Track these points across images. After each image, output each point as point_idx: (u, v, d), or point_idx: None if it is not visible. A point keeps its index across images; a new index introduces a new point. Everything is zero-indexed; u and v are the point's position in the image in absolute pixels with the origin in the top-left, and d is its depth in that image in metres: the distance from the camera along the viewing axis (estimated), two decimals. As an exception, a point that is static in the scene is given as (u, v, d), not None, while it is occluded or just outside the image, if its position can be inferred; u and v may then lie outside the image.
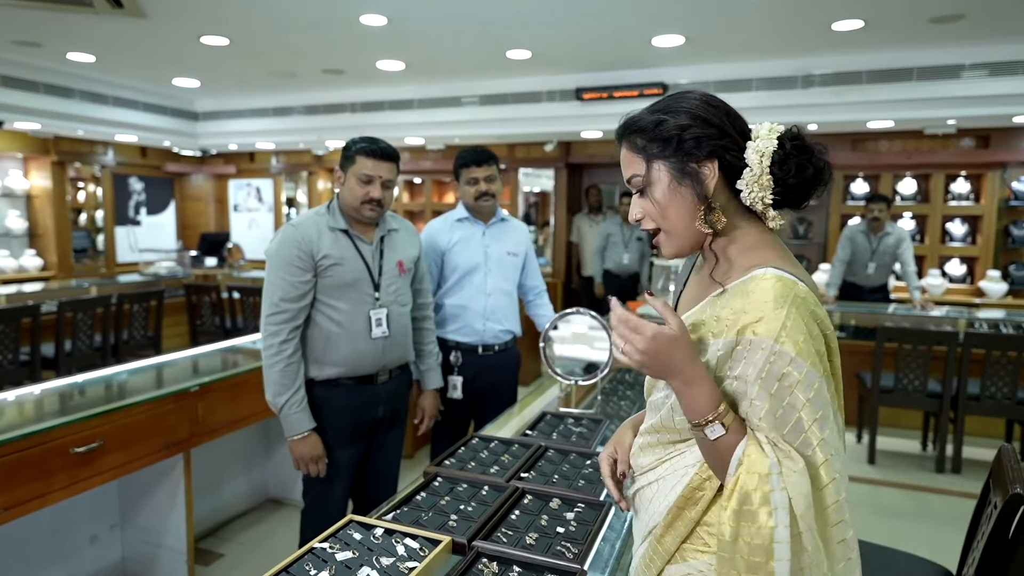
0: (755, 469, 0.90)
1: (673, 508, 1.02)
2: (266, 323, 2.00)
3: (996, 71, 4.48)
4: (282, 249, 2.00)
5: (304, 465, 2.05)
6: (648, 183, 1.02)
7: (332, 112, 6.34)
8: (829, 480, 0.92)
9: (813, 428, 0.91)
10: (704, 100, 1.02)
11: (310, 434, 2.02)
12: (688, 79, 5.12)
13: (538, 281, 2.88)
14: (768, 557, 0.88)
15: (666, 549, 1.03)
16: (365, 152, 2.01)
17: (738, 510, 0.90)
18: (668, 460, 1.06)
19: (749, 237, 1.02)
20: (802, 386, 0.90)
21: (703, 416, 0.93)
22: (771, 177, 0.97)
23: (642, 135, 1.02)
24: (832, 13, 3.81)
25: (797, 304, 0.92)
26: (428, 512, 1.34)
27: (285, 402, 1.99)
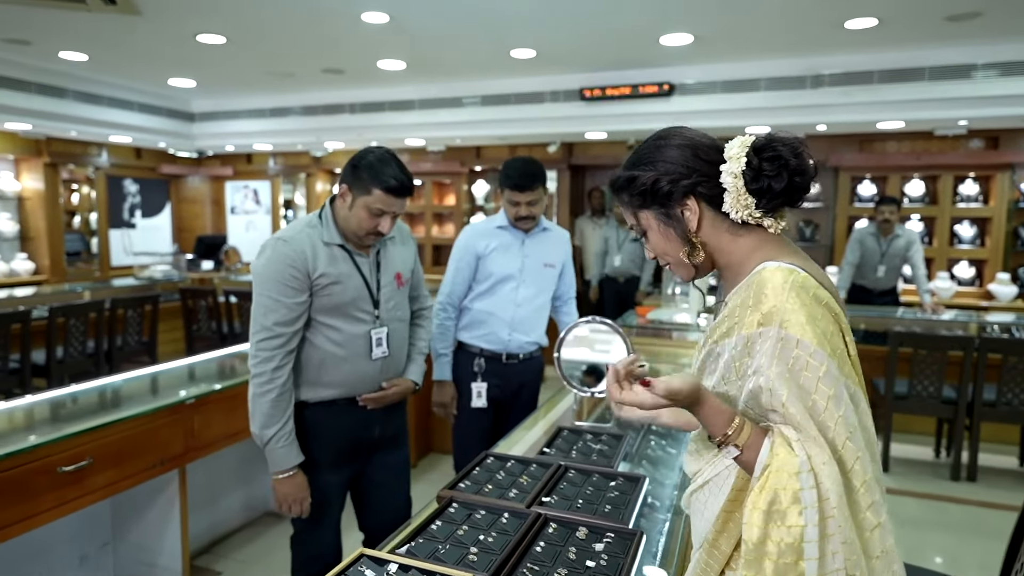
0: (784, 468, 0.91)
1: (723, 512, 1.03)
2: (257, 348, 1.82)
3: (1008, 71, 4.40)
4: (273, 267, 1.81)
5: (287, 506, 1.88)
6: (643, 231, 1.13)
7: (331, 113, 6.23)
8: (853, 460, 0.93)
9: (829, 407, 0.93)
10: (675, 144, 1.08)
11: (296, 472, 1.86)
12: (695, 79, 5.02)
13: (569, 289, 2.80)
14: (798, 557, 0.88)
15: (722, 552, 1.04)
16: (385, 188, 1.81)
17: (767, 510, 0.90)
18: (713, 463, 1.08)
19: (749, 245, 1.07)
20: (812, 367, 0.93)
21: (721, 433, 0.96)
22: (750, 195, 1.03)
23: (624, 192, 1.12)
24: (846, 10, 3.71)
25: (796, 289, 0.96)
26: (445, 543, 1.23)
27: (273, 435, 1.82)
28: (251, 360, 1.84)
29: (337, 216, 1.92)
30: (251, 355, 1.85)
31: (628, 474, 1.56)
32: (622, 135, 6.04)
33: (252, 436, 1.86)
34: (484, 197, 7.49)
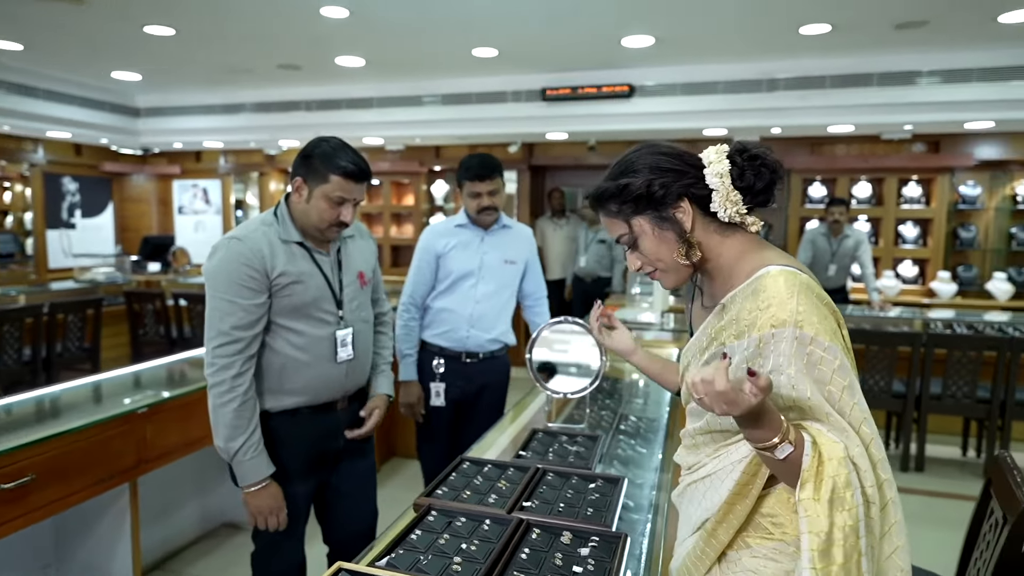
0: (833, 455, 0.95)
1: (724, 504, 1.08)
2: (214, 355, 1.71)
3: (949, 78, 4.59)
4: (228, 268, 1.71)
5: (263, 519, 1.79)
6: (634, 239, 1.14)
7: (286, 110, 6.05)
8: (869, 442, 0.99)
9: (844, 396, 0.99)
10: (654, 151, 1.13)
11: (269, 482, 1.76)
12: (655, 80, 5.08)
13: (538, 287, 2.78)
14: (857, 537, 0.93)
15: (720, 541, 1.09)
16: (343, 173, 1.73)
17: (830, 499, 0.93)
18: (718, 456, 1.12)
19: (736, 247, 1.12)
20: (827, 361, 0.99)
21: (767, 439, 0.95)
22: (737, 192, 1.09)
23: (614, 201, 1.13)
24: (801, 16, 3.81)
25: (804, 290, 1.01)
26: (426, 553, 1.19)
27: (240, 447, 1.71)
28: (208, 368, 1.74)
29: (294, 212, 1.82)
30: (208, 363, 1.74)
31: (607, 476, 1.54)
32: (583, 136, 6.07)
33: (217, 450, 1.76)
34: (443, 197, 7.41)
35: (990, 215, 6.04)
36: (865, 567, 0.93)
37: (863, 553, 0.93)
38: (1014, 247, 5.97)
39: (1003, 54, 4.36)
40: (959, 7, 3.59)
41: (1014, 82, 4.45)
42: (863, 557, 0.93)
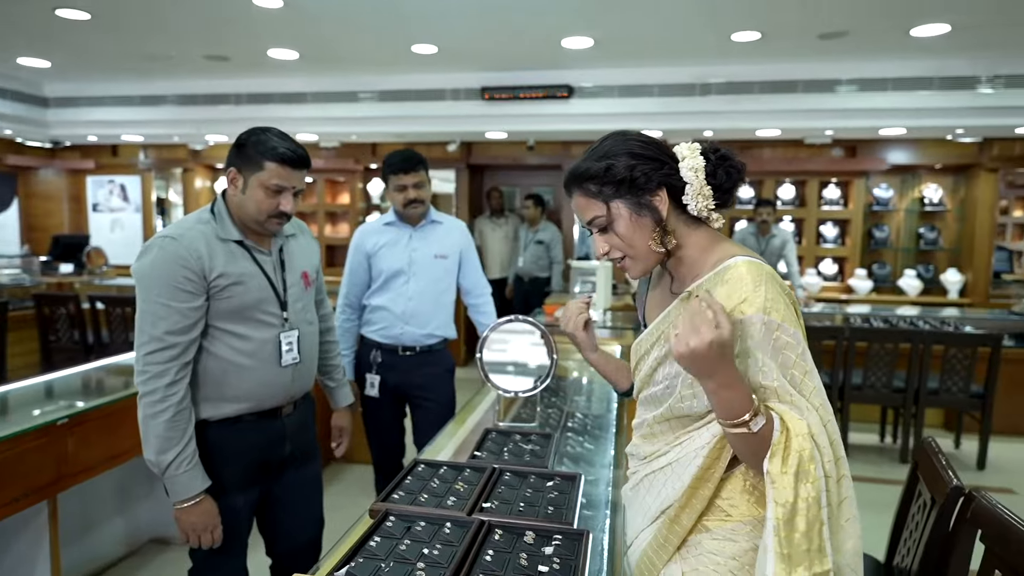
0: (799, 431, 1.00)
1: (688, 489, 1.11)
2: (146, 362, 1.60)
3: (865, 87, 4.88)
4: (162, 269, 1.61)
5: (196, 536, 1.68)
6: (610, 221, 1.14)
7: (213, 103, 5.78)
8: (826, 423, 1.05)
9: (806, 380, 1.05)
10: (637, 139, 1.15)
11: (203, 497, 1.66)
12: (593, 82, 5.15)
13: (477, 282, 2.77)
14: (819, 506, 0.99)
15: (683, 526, 1.13)
16: (278, 158, 1.65)
17: (797, 471, 0.99)
18: (679, 444, 1.15)
19: (702, 240, 1.17)
20: (792, 346, 1.04)
21: (741, 414, 1.00)
22: (710, 187, 1.13)
23: (594, 181, 1.14)
24: (734, 24, 3.95)
25: (770, 280, 1.07)
26: (387, 561, 1.14)
27: (172, 460, 1.60)
28: (139, 377, 1.62)
29: (231, 207, 1.73)
30: (139, 371, 1.63)
31: (564, 473, 1.54)
32: (522, 135, 6.09)
33: (147, 463, 1.65)
34: (380, 196, 7.29)
35: (901, 216, 6.47)
36: (826, 535, 0.99)
37: (824, 522, 0.99)
38: (922, 246, 6.42)
39: (915, 65, 4.66)
40: (876, 20, 3.82)
41: (922, 92, 4.78)
42: (824, 526, 0.99)
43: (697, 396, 1.10)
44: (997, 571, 1.36)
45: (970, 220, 6.20)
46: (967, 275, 6.18)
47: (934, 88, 4.71)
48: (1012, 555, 1.32)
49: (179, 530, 1.68)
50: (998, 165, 5.94)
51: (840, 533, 1.05)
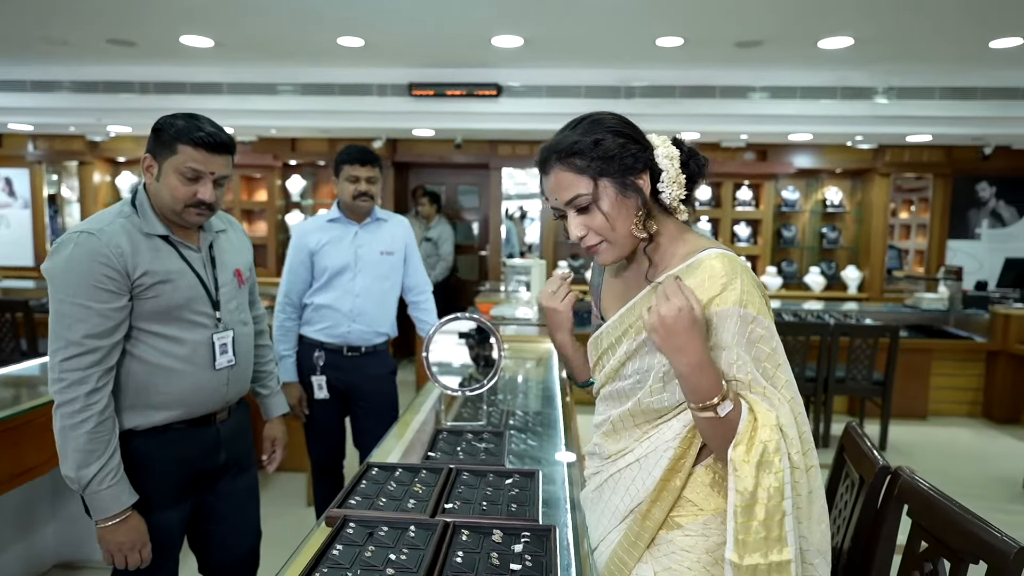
0: (767, 423, 1.02)
1: (659, 482, 1.10)
2: (63, 369, 1.47)
3: (775, 94, 5.17)
4: (80, 267, 1.48)
5: (122, 557, 1.55)
6: (596, 199, 1.09)
7: (115, 91, 5.36)
8: (797, 414, 1.07)
9: (778, 373, 1.07)
10: (620, 120, 1.14)
11: (130, 514, 1.54)
12: (521, 82, 5.18)
13: (420, 280, 2.74)
14: (782, 497, 1.01)
15: (654, 522, 1.12)
16: (191, 140, 1.53)
17: (759, 462, 1.00)
18: (646, 439, 1.14)
19: (671, 230, 1.16)
20: (766, 339, 1.06)
21: (710, 398, 1.01)
22: (684, 176, 1.14)
23: (581, 156, 1.09)
24: (658, 29, 4.08)
25: (744, 272, 1.07)
26: (353, 569, 1.09)
27: (95, 475, 1.48)
28: (55, 385, 1.48)
29: (154, 200, 1.60)
30: (54, 379, 1.48)
31: (522, 470, 1.53)
32: (449, 133, 6.04)
33: (66, 480, 1.50)
34: (300, 193, 7.02)
35: (806, 217, 6.91)
36: (789, 525, 1.01)
37: (787, 512, 1.01)
38: (825, 245, 6.88)
39: (821, 76, 4.99)
40: (789, 31, 4.05)
41: (826, 100, 5.12)
42: (787, 516, 1.01)
43: (668, 390, 1.11)
44: (923, 541, 1.47)
45: (866, 221, 6.70)
46: (864, 272, 6.68)
47: (837, 97, 5.06)
48: (936, 526, 1.42)
49: (104, 550, 1.54)
50: (890, 170, 6.46)
51: (809, 521, 1.08)
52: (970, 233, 6.63)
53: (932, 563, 1.41)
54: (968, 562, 1.32)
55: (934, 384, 5.14)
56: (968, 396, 5.19)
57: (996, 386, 5.05)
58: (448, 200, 7.37)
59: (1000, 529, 1.25)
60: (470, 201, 7.49)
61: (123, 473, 1.53)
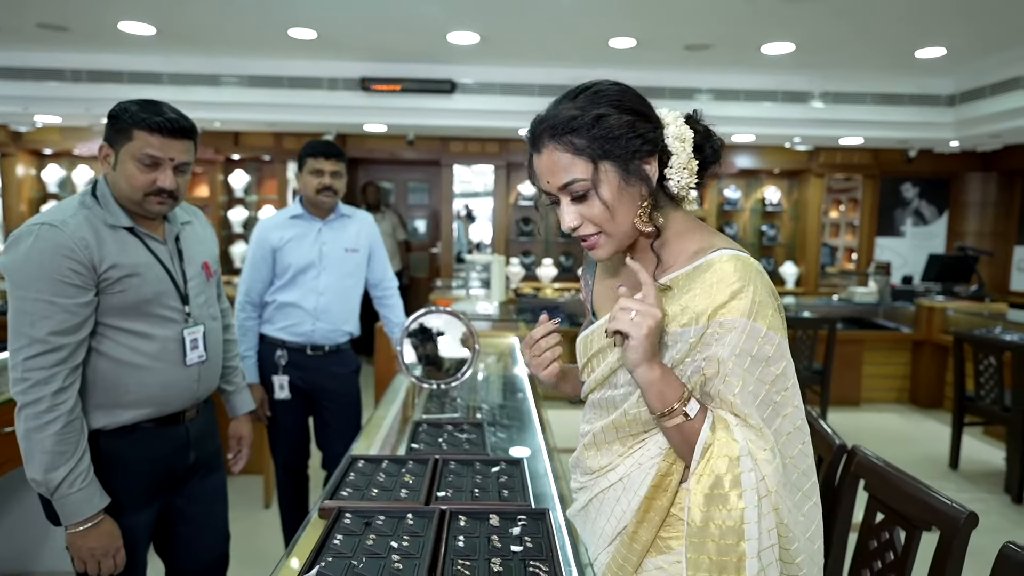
0: (725, 452, 0.90)
1: (644, 501, 1.00)
2: (26, 368, 1.41)
3: (720, 96, 5.37)
4: (43, 260, 1.41)
5: (95, 563, 1.48)
6: (595, 185, 0.94)
7: (45, 79, 5.06)
8: (796, 449, 0.94)
9: (785, 397, 0.93)
10: (627, 91, 0.97)
11: (103, 518, 1.48)
12: (474, 79, 5.19)
13: (385, 276, 2.71)
14: (739, 538, 0.89)
15: (642, 544, 1.01)
16: (147, 126, 1.47)
17: (709, 494, 0.90)
18: (630, 455, 1.04)
19: (677, 224, 1.01)
20: (774, 359, 0.92)
21: (670, 404, 0.92)
22: (696, 162, 0.99)
23: (580, 134, 0.93)
24: (612, 29, 4.17)
25: (758, 278, 0.93)
26: (358, 558, 1.09)
27: (64, 478, 1.41)
28: (18, 386, 1.41)
29: (112, 188, 1.54)
30: (17, 379, 1.41)
31: (508, 458, 1.55)
32: (402, 129, 5.99)
33: (32, 484, 1.43)
34: (244, 189, 6.81)
35: (747, 216, 7.20)
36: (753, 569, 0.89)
37: (748, 555, 0.89)
38: (764, 242, 7.19)
39: (763, 80, 5.21)
40: (735, 35, 4.22)
41: (767, 103, 5.35)
42: (748, 559, 0.89)
43: None
44: (879, 513, 1.58)
45: (802, 219, 7.05)
46: (801, 267, 7.02)
47: (777, 101, 5.30)
48: (892, 498, 1.53)
49: (75, 558, 1.47)
50: (824, 171, 6.81)
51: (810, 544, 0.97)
52: (895, 231, 7.07)
53: (888, 532, 1.52)
54: (922, 529, 1.43)
55: (866, 373, 5.46)
56: (896, 383, 5.54)
57: (921, 374, 5.41)
58: (398, 197, 7.31)
59: (950, 498, 1.36)
60: (420, 198, 7.45)
61: (94, 476, 1.47)
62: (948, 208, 7.06)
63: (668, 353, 0.98)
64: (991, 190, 6.93)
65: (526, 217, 7.02)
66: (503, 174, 6.79)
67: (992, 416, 3.84)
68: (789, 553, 0.94)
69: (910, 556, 1.44)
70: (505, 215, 6.88)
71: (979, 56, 4.60)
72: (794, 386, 0.94)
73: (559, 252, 7.09)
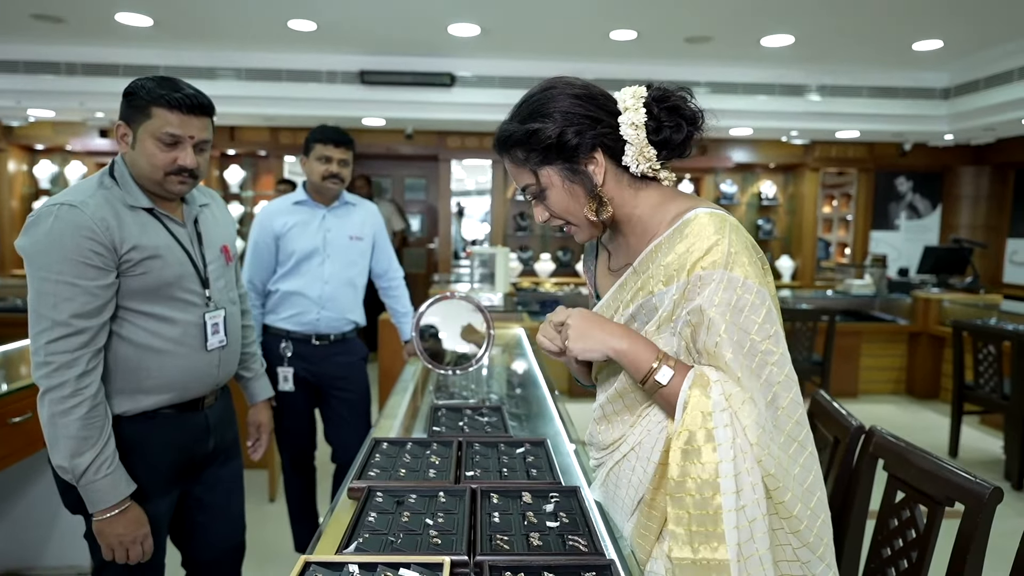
0: (699, 408, 0.94)
1: (658, 467, 1.02)
2: (49, 352, 1.38)
3: (716, 90, 5.40)
4: (64, 241, 1.38)
5: (123, 551, 1.47)
6: (541, 190, 1.05)
7: (39, 72, 5.00)
8: (787, 398, 0.96)
9: (769, 345, 0.95)
10: (569, 93, 1.04)
11: (131, 503, 1.46)
12: (474, 72, 5.18)
13: (391, 266, 2.69)
14: (714, 491, 0.92)
15: (661, 511, 1.03)
16: (166, 103, 1.44)
17: (685, 449, 0.94)
18: (638, 424, 1.08)
19: (653, 197, 1.07)
20: (755, 306, 0.95)
21: (649, 365, 0.98)
22: (652, 147, 1.03)
23: (521, 148, 1.03)
24: (613, 22, 4.18)
25: (735, 230, 0.98)
26: (395, 533, 1.08)
27: (91, 463, 1.39)
28: (41, 370, 1.39)
29: (131, 168, 1.51)
30: (40, 363, 1.39)
31: (532, 439, 1.55)
32: (400, 123, 5.97)
33: (57, 470, 1.41)
34: (239, 184, 6.76)
35: (743, 210, 7.23)
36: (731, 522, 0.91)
37: (725, 508, 0.91)
38: (760, 236, 7.22)
39: (761, 73, 5.24)
40: (736, 26, 4.24)
41: (764, 97, 5.38)
42: (726, 512, 0.91)
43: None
44: (899, 491, 1.59)
45: (797, 213, 7.09)
46: (797, 261, 7.06)
47: (775, 94, 5.33)
48: (912, 475, 1.54)
49: (103, 545, 1.45)
50: (819, 165, 6.85)
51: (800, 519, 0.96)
52: (890, 224, 7.13)
53: (909, 510, 1.53)
54: (944, 505, 1.44)
55: (863, 364, 5.50)
56: (893, 375, 5.59)
57: (917, 365, 5.47)
58: (395, 193, 7.28)
59: (973, 473, 1.37)
60: (416, 194, 7.43)
61: (119, 461, 1.45)
62: (941, 201, 7.13)
63: (657, 313, 1.03)
64: (984, 183, 7.00)
65: (523, 212, 7.02)
66: (500, 169, 6.79)
67: (991, 404, 3.88)
68: (784, 506, 0.94)
69: (932, 533, 1.45)
70: (503, 210, 6.87)
71: (974, 50, 4.65)
72: (777, 333, 0.97)
73: (557, 247, 7.09)
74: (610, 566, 0.99)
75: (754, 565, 0.92)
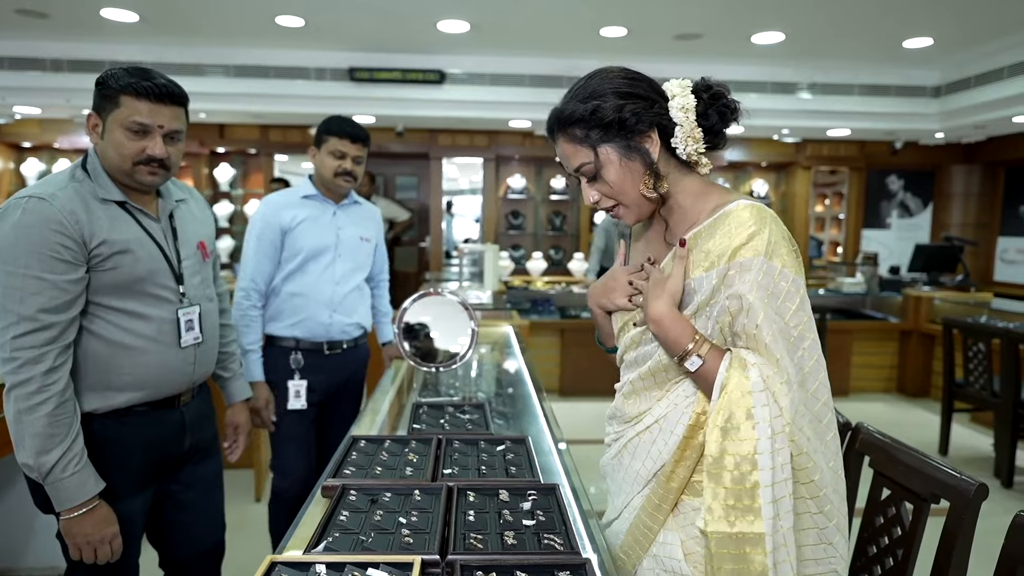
0: (739, 388, 0.98)
1: (682, 440, 1.06)
2: (15, 347, 1.35)
3: (708, 88, 5.38)
4: (30, 234, 1.35)
5: (91, 550, 1.43)
6: (599, 168, 1.07)
7: (23, 68, 4.94)
8: (816, 381, 1.02)
9: (802, 331, 1.01)
10: (624, 76, 1.09)
11: (99, 503, 1.42)
12: (463, 69, 5.15)
13: (383, 269, 2.61)
14: (752, 467, 0.96)
15: (679, 483, 1.08)
16: (134, 91, 1.41)
17: (724, 427, 0.98)
18: (665, 398, 1.11)
19: (693, 186, 1.11)
20: (791, 294, 1.00)
21: (684, 347, 1.02)
22: (700, 129, 1.08)
23: (580, 125, 1.07)
24: (603, 18, 4.16)
25: (775, 221, 1.04)
26: (366, 532, 1.06)
27: (57, 461, 1.36)
28: (7, 365, 1.35)
29: (102, 160, 1.48)
30: (5, 359, 1.36)
31: (513, 437, 1.53)
32: (390, 120, 5.93)
33: (24, 468, 1.38)
34: (229, 183, 6.72)
35: (735, 208, 7.22)
36: (767, 497, 0.95)
37: (762, 484, 0.95)
38: (752, 234, 7.22)
39: (752, 71, 5.23)
40: (726, 23, 4.22)
41: (755, 95, 5.37)
42: (763, 488, 0.95)
43: None
44: (885, 488, 1.57)
45: (789, 212, 7.09)
46: (788, 260, 7.06)
47: (766, 92, 5.32)
48: (899, 472, 1.52)
49: (70, 544, 1.42)
50: (811, 163, 6.85)
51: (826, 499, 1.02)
52: (881, 223, 7.14)
53: (895, 507, 1.52)
54: (930, 502, 1.42)
55: (855, 363, 5.50)
56: (884, 373, 5.59)
57: (908, 363, 5.47)
58: (386, 192, 7.24)
59: (959, 470, 1.35)
60: (407, 193, 7.39)
61: (87, 459, 1.42)
62: (932, 200, 7.14)
63: (695, 297, 1.06)
64: (974, 182, 7.02)
65: (515, 211, 6.99)
66: (492, 167, 6.76)
67: (981, 402, 3.88)
68: (815, 484, 1.00)
69: (918, 529, 1.43)
70: (494, 208, 6.84)
71: (964, 47, 4.65)
72: (810, 320, 1.02)
73: (548, 245, 7.07)
74: (585, 565, 0.97)
75: (781, 539, 0.97)
